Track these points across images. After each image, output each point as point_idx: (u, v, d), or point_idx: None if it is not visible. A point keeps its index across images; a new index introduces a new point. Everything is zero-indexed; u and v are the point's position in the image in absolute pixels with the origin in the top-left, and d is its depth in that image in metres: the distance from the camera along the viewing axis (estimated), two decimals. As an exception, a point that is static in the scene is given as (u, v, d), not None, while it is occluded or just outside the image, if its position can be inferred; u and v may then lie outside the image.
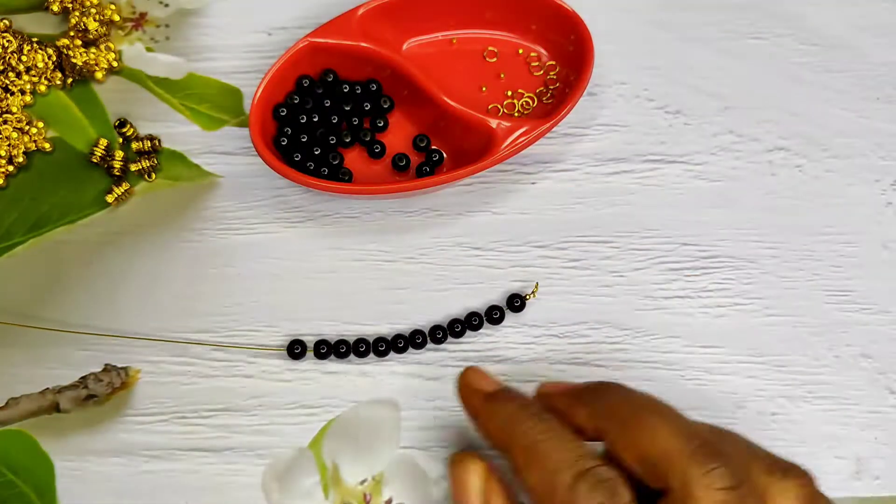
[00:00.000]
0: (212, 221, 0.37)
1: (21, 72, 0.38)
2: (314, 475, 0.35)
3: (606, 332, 0.36)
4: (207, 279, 0.37)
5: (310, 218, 0.38)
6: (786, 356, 0.36)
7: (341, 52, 0.37)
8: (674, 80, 0.40)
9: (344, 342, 0.35)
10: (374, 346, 0.35)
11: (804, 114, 0.39)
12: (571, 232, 0.38)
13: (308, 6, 0.40)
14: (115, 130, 0.38)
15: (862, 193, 0.38)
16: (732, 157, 0.39)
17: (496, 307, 0.36)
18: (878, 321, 0.37)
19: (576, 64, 0.38)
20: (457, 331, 0.36)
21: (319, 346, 0.35)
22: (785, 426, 0.36)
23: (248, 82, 0.39)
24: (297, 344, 0.35)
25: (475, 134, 0.36)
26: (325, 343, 0.35)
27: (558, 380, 0.34)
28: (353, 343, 0.35)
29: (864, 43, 0.41)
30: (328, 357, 0.36)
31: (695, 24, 0.41)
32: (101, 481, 0.34)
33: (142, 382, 0.35)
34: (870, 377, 0.36)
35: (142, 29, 0.40)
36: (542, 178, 0.38)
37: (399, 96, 0.38)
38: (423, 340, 0.36)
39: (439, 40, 0.39)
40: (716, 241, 0.38)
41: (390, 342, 0.35)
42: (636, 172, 0.38)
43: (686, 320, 0.37)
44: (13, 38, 0.38)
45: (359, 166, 0.38)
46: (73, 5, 0.39)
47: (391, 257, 0.37)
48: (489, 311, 0.36)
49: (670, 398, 0.36)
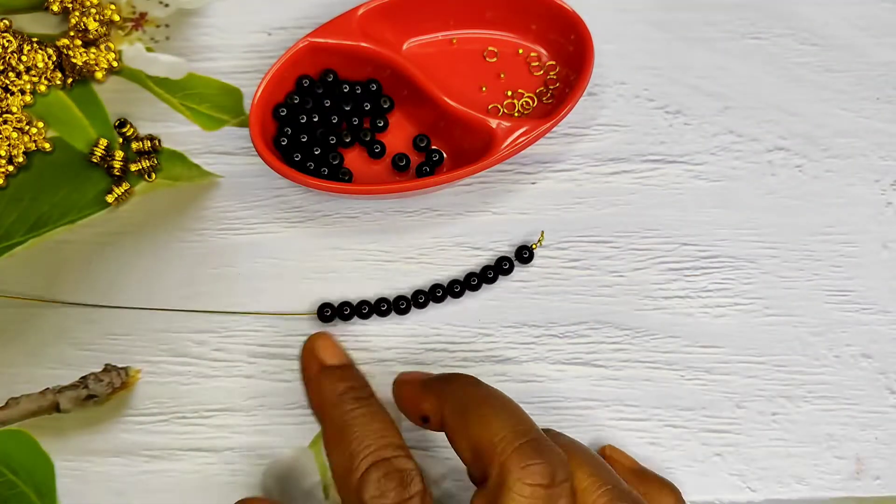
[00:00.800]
0: (212, 221, 0.37)
1: (21, 72, 0.38)
2: (314, 475, 0.35)
3: (606, 332, 0.36)
4: (207, 279, 0.37)
5: (310, 218, 0.38)
6: (786, 356, 0.36)
7: (341, 52, 0.37)
8: (674, 80, 0.40)
9: (366, 303, 0.36)
10: (394, 304, 0.36)
11: (804, 114, 0.39)
12: (571, 232, 0.38)
13: (308, 6, 0.40)
14: (115, 130, 0.38)
15: (862, 193, 0.38)
16: (732, 157, 0.39)
17: (505, 258, 0.37)
18: (878, 321, 0.37)
19: (576, 64, 0.38)
20: (473, 283, 0.36)
21: (343, 307, 0.36)
22: (785, 426, 0.36)
23: (248, 82, 0.39)
24: (328, 307, 0.36)
25: (475, 134, 0.36)
26: (348, 304, 0.36)
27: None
28: (375, 302, 0.36)
29: (864, 43, 0.40)
30: (352, 318, 0.36)
31: (695, 24, 0.41)
32: (102, 481, 0.34)
33: (142, 382, 0.35)
34: (870, 377, 0.36)
35: (142, 29, 0.40)
36: (542, 178, 0.38)
37: (399, 96, 0.38)
38: (425, 300, 0.36)
39: (439, 40, 0.39)
40: (716, 241, 0.38)
41: (392, 302, 0.36)
42: (636, 172, 0.38)
43: (686, 320, 0.37)
44: (13, 38, 0.38)
45: (359, 166, 0.38)
46: (73, 5, 0.39)
47: (391, 257, 0.37)
48: (499, 262, 0.36)
49: (671, 398, 0.36)
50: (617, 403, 0.36)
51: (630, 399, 0.36)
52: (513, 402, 0.29)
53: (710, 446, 0.36)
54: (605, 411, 0.36)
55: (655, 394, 0.36)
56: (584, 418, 0.36)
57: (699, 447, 0.35)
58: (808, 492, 0.35)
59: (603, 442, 0.35)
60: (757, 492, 0.35)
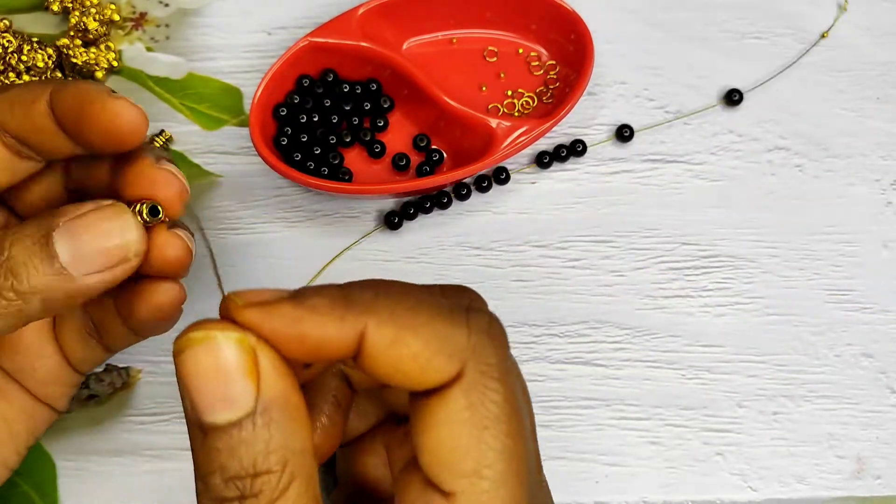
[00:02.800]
0: (212, 221, 0.37)
1: (21, 72, 0.38)
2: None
3: (607, 332, 0.36)
4: (208, 279, 0.37)
5: (310, 218, 0.38)
6: (786, 355, 0.36)
7: (341, 52, 0.37)
8: (674, 80, 0.40)
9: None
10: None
11: (804, 114, 0.39)
12: (571, 232, 0.38)
13: (308, 6, 0.40)
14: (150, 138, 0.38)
15: (862, 193, 0.38)
16: (732, 157, 0.39)
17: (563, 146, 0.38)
18: (878, 320, 0.37)
19: (576, 63, 0.38)
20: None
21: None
22: (786, 425, 0.36)
23: (248, 82, 0.39)
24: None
25: (475, 134, 0.36)
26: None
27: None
28: None
29: (864, 43, 0.41)
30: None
31: (695, 24, 0.41)
32: (103, 481, 0.34)
33: (143, 382, 0.35)
34: (871, 376, 0.36)
35: (142, 29, 0.40)
36: (542, 178, 0.38)
37: (399, 96, 0.38)
38: (448, 200, 0.37)
39: (439, 40, 0.39)
40: (716, 241, 0.38)
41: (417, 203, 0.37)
42: (636, 172, 0.38)
43: (687, 319, 0.37)
44: (13, 38, 0.38)
45: (359, 166, 0.38)
46: (73, 5, 0.39)
47: (391, 257, 0.37)
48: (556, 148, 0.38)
49: (671, 397, 0.36)
50: (618, 403, 0.36)
51: (631, 398, 0.36)
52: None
53: (711, 446, 0.35)
54: (606, 411, 0.36)
55: (656, 393, 0.36)
56: (585, 418, 0.36)
57: (700, 446, 0.35)
58: (809, 491, 0.35)
59: (604, 441, 0.35)
60: (758, 491, 0.35)
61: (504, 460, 0.21)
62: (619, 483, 0.35)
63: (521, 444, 0.22)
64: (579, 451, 0.35)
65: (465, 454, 0.21)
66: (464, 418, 0.21)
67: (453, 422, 0.21)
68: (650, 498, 0.35)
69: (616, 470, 0.35)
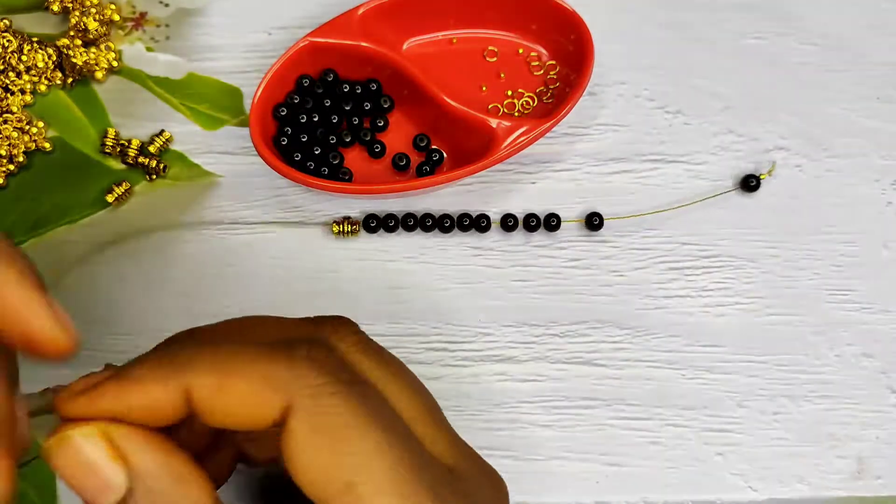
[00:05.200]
0: (212, 221, 0.37)
1: (21, 71, 0.38)
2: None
3: (607, 332, 0.36)
4: (207, 279, 0.37)
5: (310, 218, 0.38)
6: (787, 355, 0.36)
7: (341, 52, 0.37)
8: (674, 80, 0.40)
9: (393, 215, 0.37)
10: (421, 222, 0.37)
11: (804, 114, 0.39)
12: (571, 232, 0.38)
13: (308, 6, 0.40)
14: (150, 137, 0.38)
15: (862, 193, 0.38)
16: (732, 157, 0.39)
17: None
18: (879, 320, 0.37)
19: (576, 63, 0.38)
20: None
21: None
22: (787, 425, 0.36)
23: (248, 82, 0.39)
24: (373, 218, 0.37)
25: (475, 134, 0.36)
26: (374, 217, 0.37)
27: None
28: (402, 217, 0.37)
29: (864, 43, 0.40)
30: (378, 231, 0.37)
31: (695, 24, 0.41)
32: (101, 481, 0.34)
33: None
34: (871, 376, 0.36)
35: (142, 29, 0.40)
36: (542, 178, 0.38)
37: (399, 96, 0.38)
38: (514, 224, 0.37)
39: (439, 40, 0.39)
40: (716, 241, 0.38)
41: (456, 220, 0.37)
42: (636, 172, 0.38)
43: (687, 319, 0.37)
44: (13, 38, 0.38)
45: (359, 166, 0.38)
46: (73, 5, 0.39)
47: (392, 257, 0.37)
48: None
49: (672, 397, 0.36)
50: (618, 402, 0.36)
51: (631, 398, 0.36)
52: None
53: (711, 446, 0.35)
54: (607, 410, 0.36)
55: (656, 393, 0.36)
56: (585, 418, 0.36)
57: (701, 447, 0.35)
58: (809, 491, 0.35)
59: (604, 441, 0.35)
60: (758, 491, 0.35)
61: (377, 457, 0.22)
62: (619, 483, 0.35)
63: (393, 435, 0.22)
64: (580, 452, 0.35)
65: (331, 475, 0.22)
66: (314, 442, 0.22)
67: (305, 449, 0.22)
68: (651, 498, 0.35)
69: (616, 470, 0.35)
